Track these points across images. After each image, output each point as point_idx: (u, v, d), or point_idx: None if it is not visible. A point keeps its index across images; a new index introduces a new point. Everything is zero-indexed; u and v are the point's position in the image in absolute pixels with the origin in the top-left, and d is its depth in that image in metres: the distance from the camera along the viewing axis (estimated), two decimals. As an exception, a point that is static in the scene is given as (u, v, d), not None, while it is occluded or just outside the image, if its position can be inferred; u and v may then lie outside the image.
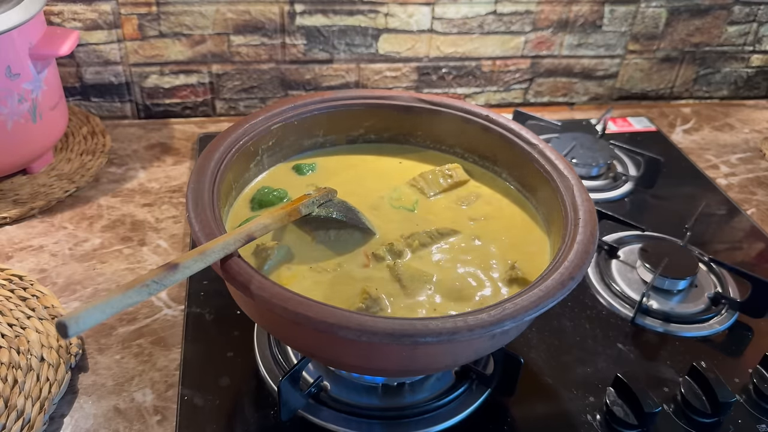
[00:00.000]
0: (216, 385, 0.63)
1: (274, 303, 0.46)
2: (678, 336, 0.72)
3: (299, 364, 0.57)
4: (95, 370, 0.65)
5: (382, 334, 0.44)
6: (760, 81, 1.29)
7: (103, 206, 0.86)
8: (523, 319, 0.47)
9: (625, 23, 1.15)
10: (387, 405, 0.61)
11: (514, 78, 1.17)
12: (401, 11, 1.05)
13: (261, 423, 0.60)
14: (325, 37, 1.06)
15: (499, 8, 1.08)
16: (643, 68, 1.21)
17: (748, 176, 1.03)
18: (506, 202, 0.67)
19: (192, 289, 0.73)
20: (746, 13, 1.19)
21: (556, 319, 0.72)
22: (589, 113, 1.18)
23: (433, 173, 0.69)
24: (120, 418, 0.60)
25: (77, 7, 0.96)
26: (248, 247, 0.58)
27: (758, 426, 0.62)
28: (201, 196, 0.54)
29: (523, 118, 1.03)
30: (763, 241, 0.88)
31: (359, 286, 0.55)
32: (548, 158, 0.64)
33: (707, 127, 1.17)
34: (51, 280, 0.75)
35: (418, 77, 1.13)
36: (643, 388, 0.60)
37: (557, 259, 0.53)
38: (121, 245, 0.80)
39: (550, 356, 0.68)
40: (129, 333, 0.69)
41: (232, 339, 0.67)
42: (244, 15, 1.01)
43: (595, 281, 0.78)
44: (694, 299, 0.76)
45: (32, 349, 0.63)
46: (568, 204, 0.59)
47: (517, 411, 0.62)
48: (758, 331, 0.73)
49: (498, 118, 0.68)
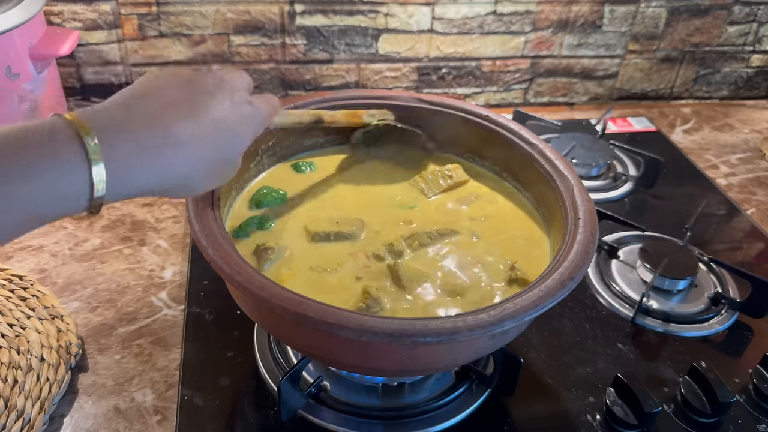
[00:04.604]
0: (216, 385, 0.63)
1: (274, 303, 0.46)
2: (678, 336, 0.72)
3: (299, 364, 0.57)
4: (95, 370, 0.65)
5: (382, 334, 0.44)
6: (760, 81, 1.29)
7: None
8: (523, 319, 0.47)
9: (625, 23, 1.15)
10: (387, 405, 0.61)
11: (514, 78, 1.17)
12: (401, 11, 1.05)
13: (261, 423, 0.60)
14: (325, 37, 1.06)
15: (499, 8, 1.08)
16: (643, 68, 1.21)
17: (748, 176, 1.03)
18: (506, 202, 0.67)
19: (192, 289, 0.73)
20: (746, 13, 1.19)
21: (556, 319, 0.72)
22: (589, 113, 1.18)
23: (433, 174, 0.69)
24: (120, 418, 0.60)
25: (77, 7, 0.96)
26: (248, 247, 0.58)
27: (758, 426, 0.62)
28: (201, 196, 0.54)
29: (523, 118, 1.03)
30: (763, 241, 0.88)
31: (359, 286, 0.55)
32: (548, 158, 0.64)
33: (707, 127, 1.17)
34: (51, 280, 0.75)
35: (418, 77, 1.13)
36: (643, 388, 0.60)
37: (557, 259, 0.53)
38: (121, 245, 0.80)
39: (550, 356, 0.68)
40: (129, 333, 0.69)
41: (232, 339, 0.67)
42: (244, 15, 1.01)
43: (595, 281, 0.78)
44: (694, 299, 0.76)
45: (32, 349, 0.63)
46: (568, 204, 0.59)
47: (517, 411, 0.62)
48: (758, 331, 0.73)
49: (498, 118, 0.68)
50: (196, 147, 0.44)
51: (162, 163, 0.42)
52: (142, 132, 0.41)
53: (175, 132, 0.42)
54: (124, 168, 0.40)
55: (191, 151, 0.43)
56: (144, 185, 0.42)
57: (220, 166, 0.47)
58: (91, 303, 0.72)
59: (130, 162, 0.40)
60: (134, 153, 0.40)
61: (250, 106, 0.49)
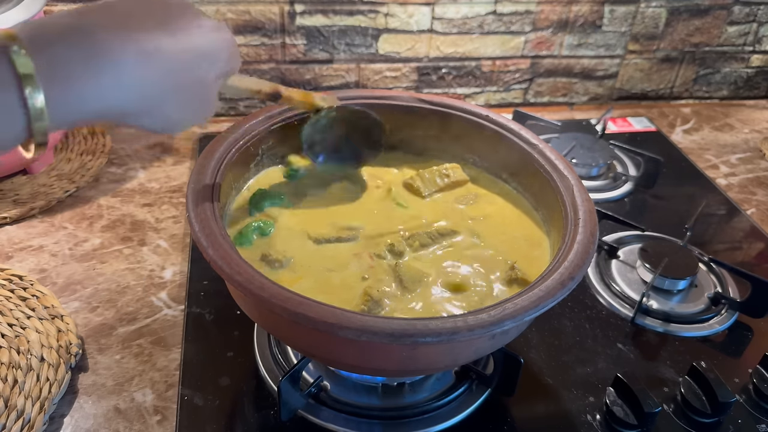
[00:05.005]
0: (216, 385, 0.63)
1: (274, 303, 0.46)
2: (678, 336, 0.72)
3: (299, 364, 0.57)
4: (95, 370, 0.65)
5: (382, 334, 0.44)
6: (760, 81, 1.29)
7: (103, 206, 0.86)
8: (523, 319, 0.47)
9: (625, 23, 1.15)
10: (387, 405, 0.61)
11: (514, 78, 1.17)
12: (401, 11, 1.05)
13: (261, 423, 0.60)
14: (325, 37, 1.06)
15: (499, 8, 1.08)
16: (643, 68, 1.21)
17: (748, 176, 1.03)
18: (506, 203, 0.67)
19: (192, 289, 0.73)
20: (746, 13, 1.19)
21: (556, 319, 0.72)
22: (589, 113, 1.18)
23: (431, 172, 0.69)
24: (120, 418, 0.60)
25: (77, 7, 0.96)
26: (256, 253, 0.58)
27: (758, 426, 0.62)
28: (201, 196, 0.54)
29: (523, 118, 1.03)
30: (763, 241, 0.88)
31: (361, 287, 0.55)
32: (548, 158, 0.64)
33: (707, 127, 1.17)
34: (51, 280, 0.75)
35: (418, 77, 1.13)
36: (643, 388, 0.60)
37: (557, 259, 0.53)
38: (121, 245, 0.80)
39: (550, 356, 0.68)
40: (129, 333, 0.69)
41: (232, 339, 0.67)
42: (244, 15, 1.01)
43: (595, 281, 0.78)
44: (694, 299, 0.76)
45: (32, 349, 0.63)
46: (568, 204, 0.59)
47: (517, 411, 0.62)
48: (758, 331, 0.73)
49: (498, 118, 0.68)
50: (165, 57, 0.38)
51: (125, 73, 0.36)
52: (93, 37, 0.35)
53: (137, 37, 0.36)
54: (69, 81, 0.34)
55: (159, 62, 0.38)
56: (98, 103, 0.36)
57: (195, 89, 0.42)
58: (91, 303, 0.72)
59: (78, 72, 0.34)
60: (78, 63, 0.34)
61: (219, 32, 0.44)
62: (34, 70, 0.33)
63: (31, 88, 0.33)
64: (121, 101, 0.37)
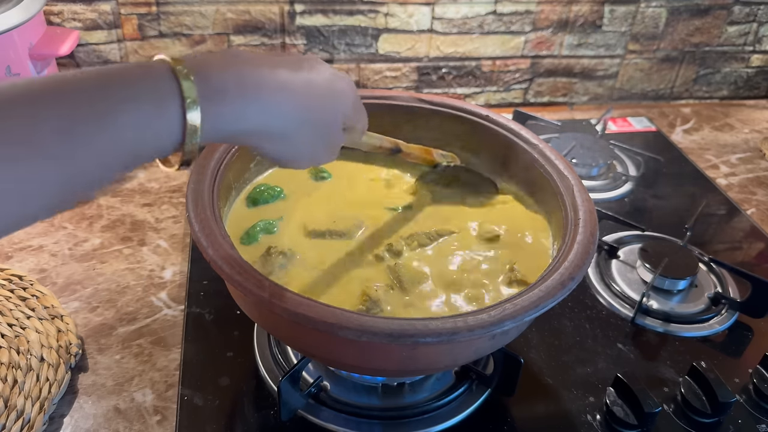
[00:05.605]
0: (216, 385, 0.63)
1: (274, 303, 0.46)
2: (678, 336, 0.72)
3: (299, 364, 0.57)
4: (95, 370, 0.65)
5: (382, 334, 0.44)
6: (760, 81, 1.29)
7: (102, 206, 0.86)
8: (523, 319, 0.47)
9: (625, 23, 1.15)
10: (387, 405, 0.61)
11: (514, 78, 1.17)
12: (401, 11, 1.05)
13: (261, 423, 0.60)
14: (325, 37, 1.06)
15: (499, 8, 1.08)
16: (643, 68, 1.21)
17: (748, 176, 1.03)
18: (505, 203, 0.67)
19: (192, 289, 0.73)
20: (746, 13, 1.19)
21: (556, 319, 0.72)
22: (589, 113, 1.18)
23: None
24: (120, 418, 0.60)
25: (77, 7, 0.96)
26: (257, 252, 0.58)
27: (758, 426, 0.62)
28: (201, 196, 0.54)
29: (523, 118, 1.03)
30: (763, 241, 0.88)
31: (360, 287, 0.55)
32: (548, 158, 0.64)
33: (707, 127, 1.17)
34: (51, 280, 0.74)
35: (418, 77, 1.13)
36: (643, 388, 0.60)
37: (557, 259, 0.53)
38: (121, 245, 0.80)
39: (550, 356, 0.68)
40: (129, 333, 0.69)
41: (232, 339, 0.67)
42: (244, 15, 1.01)
43: (595, 281, 0.78)
44: (694, 299, 0.76)
45: (32, 349, 0.63)
46: (568, 204, 0.58)
47: (517, 411, 0.62)
48: (758, 331, 0.73)
49: (498, 118, 0.68)
50: (299, 91, 0.43)
51: (268, 100, 0.41)
52: (243, 69, 0.40)
53: (278, 73, 0.41)
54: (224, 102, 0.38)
55: (293, 96, 0.42)
56: (243, 124, 0.40)
57: (324, 127, 0.46)
58: (91, 303, 0.72)
59: (229, 98, 0.38)
60: (232, 88, 0.39)
61: (342, 78, 0.48)
62: (196, 89, 0.36)
63: (191, 106, 0.36)
64: (263, 125, 0.41)
